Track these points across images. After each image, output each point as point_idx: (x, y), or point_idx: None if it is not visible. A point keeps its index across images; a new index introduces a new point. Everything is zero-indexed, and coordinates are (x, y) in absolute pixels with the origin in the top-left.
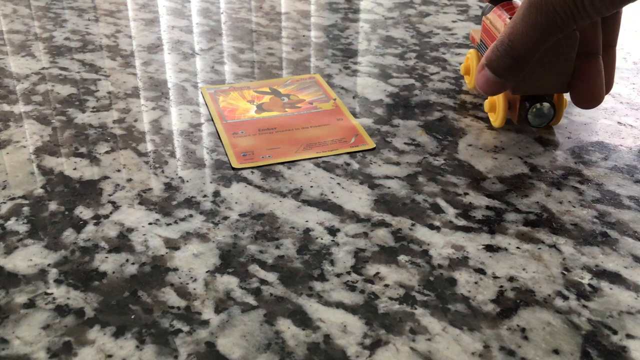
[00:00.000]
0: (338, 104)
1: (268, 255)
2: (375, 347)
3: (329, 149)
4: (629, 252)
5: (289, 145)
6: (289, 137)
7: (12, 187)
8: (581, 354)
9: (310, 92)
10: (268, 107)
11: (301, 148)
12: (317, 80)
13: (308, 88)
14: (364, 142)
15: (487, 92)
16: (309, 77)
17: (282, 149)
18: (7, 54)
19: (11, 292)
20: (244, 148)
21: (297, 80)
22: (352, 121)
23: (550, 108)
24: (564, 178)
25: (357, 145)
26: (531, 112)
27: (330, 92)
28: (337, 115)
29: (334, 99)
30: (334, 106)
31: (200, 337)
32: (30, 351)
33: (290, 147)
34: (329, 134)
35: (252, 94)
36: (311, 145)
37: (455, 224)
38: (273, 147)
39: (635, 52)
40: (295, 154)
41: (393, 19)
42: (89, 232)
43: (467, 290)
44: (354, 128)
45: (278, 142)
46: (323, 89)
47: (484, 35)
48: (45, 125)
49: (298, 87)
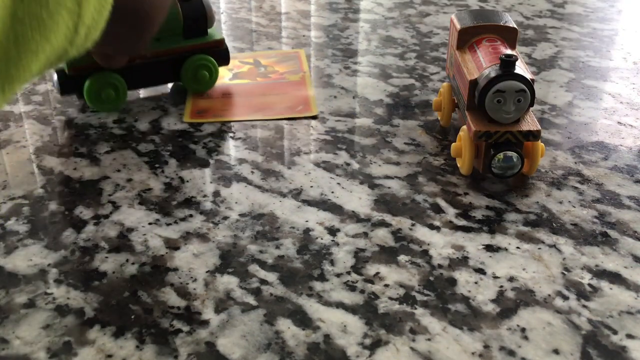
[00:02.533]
0: (305, 77)
1: (268, 255)
2: (375, 347)
3: (275, 114)
4: (629, 252)
5: (243, 108)
6: (247, 101)
7: (12, 187)
8: (581, 354)
9: (287, 65)
10: (242, 76)
11: (251, 111)
12: (299, 55)
13: (287, 61)
14: (310, 110)
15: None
16: (294, 52)
17: (234, 110)
18: None
19: (11, 292)
20: (201, 107)
21: (280, 53)
22: (309, 92)
23: (518, 158)
24: (564, 178)
25: (301, 113)
26: (496, 161)
27: (304, 66)
28: (299, 87)
29: (304, 72)
30: (300, 78)
31: (200, 337)
32: (30, 351)
33: (243, 109)
34: (282, 102)
35: (235, 63)
36: (262, 109)
37: (455, 224)
38: (227, 109)
39: (635, 52)
40: (244, 115)
41: (393, 19)
42: (89, 232)
43: (467, 290)
44: (306, 98)
45: (234, 105)
46: (300, 63)
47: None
48: (45, 125)
49: (279, 59)
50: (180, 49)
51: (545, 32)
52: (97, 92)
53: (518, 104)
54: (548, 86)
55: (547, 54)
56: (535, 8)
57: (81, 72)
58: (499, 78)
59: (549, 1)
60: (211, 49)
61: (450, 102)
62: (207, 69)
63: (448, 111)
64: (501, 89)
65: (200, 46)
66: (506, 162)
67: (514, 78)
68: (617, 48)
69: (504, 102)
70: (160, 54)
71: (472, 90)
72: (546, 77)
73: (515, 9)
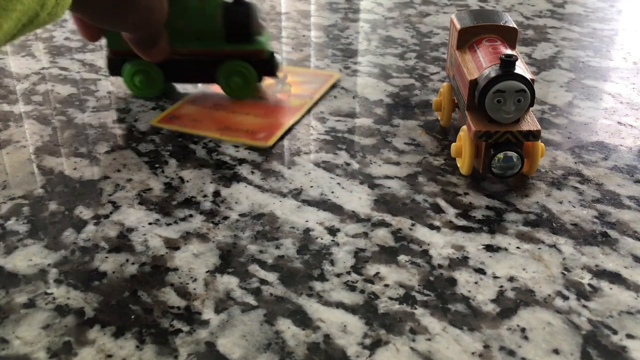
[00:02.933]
0: (305, 104)
1: (268, 255)
2: (375, 347)
3: (232, 136)
4: (629, 252)
5: (210, 123)
6: (222, 116)
7: (12, 187)
8: (581, 354)
9: (307, 87)
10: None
11: (215, 128)
12: (328, 79)
13: (310, 83)
14: (267, 140)
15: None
16: (328, 74)
17: (202, 124)
18: (7, 54)
19: (11, 292)
20: (178, 113)
21: (313, 73)
22: (288, 121)
23: (518, 158)
24: (564, 178)
25: (255, 140)
26: (496, 161)
27: (320, 91)
28: (285, 113)
29: (311, 99)
30: (300, 104)
31: (200, 337)
32: (30, 351)
33: (210, 124)
34: (249, 124)
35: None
36: (225, 128)
37: (455, 224)
38: (199, 120)
39: (635, 52)
40: (206, 131)
41: (393, 19)
42: (89, 232)
43: (467, 290)
44: (277, 127)
45: (207, 118)
46: (319, 87)
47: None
48: (45, 125)
49: (306, 79)
50: (218, 51)
51: (545, 32)
52: (132, 77)
53: (518, 104)
54: (548, 86)
55: (547, 54)
56: (535, 8)
57: (122, 55)
58: (499, 78)
59: (549, 1)
60: (251, 57)
61: (450, 102)
62: (242, 76)
63: (448, 111)
64: (501, 89)
65: (239, 52)
66: (506, 162)
67: (514, 78)
68: (617, 48)
69: (504, 102)
70: (197, 53)
71: (472, 90)
72: (546, 77)
73: (515, 9)
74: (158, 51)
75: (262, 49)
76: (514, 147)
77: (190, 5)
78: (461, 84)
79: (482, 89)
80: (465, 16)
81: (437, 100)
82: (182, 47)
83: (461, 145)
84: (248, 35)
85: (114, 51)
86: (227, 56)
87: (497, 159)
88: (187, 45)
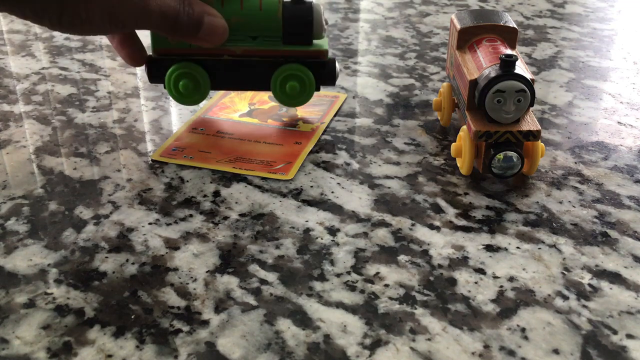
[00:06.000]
0: (318, 128)
1: (268, 255)
2: (375, 347)
3: (247, 168)
4: (629, 252)
5: (219, 154)
6: (230, 145)
7: (12, 187)
8: (581, 354)
9: (313, 110)
10: (257, 114)
11: (227, 159)
12: (335, 101)
13: (316, 106)
14: (287, 171)
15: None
16: (334, 95)
17: (209, 155)
18: (7, 54)
19: (11, 292)
20: (181, 144)
21: (317, 95)
22: (305, 149)
23: (518, 158)
24: (564, 178)
25: (274, 173)
26: (496, 161)
27: (329, 115)
28: (299, 140)
29: (321, 123)
30: (311, 129)
31: (200, 337)
32: (30, 351)
33: (219, 155)
34: (265, 154)
35: (262, 98)
36: (237, 160)
37: (455, 224)
38: (204, 150)
39: (635, 52)
40: (214, 164)
41: (393, 19)
42: (89, 232)
43: (467, 290)
44: (294, 155)
45: (214, 147)
46: (327, 110)
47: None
48: (45, 125)
49: (312, 101)
50: (274, 52)
51: (545, 32)
52: (176, 82)
53: (518, 104)
54: (548, 86)
55: (547, 54)
56: (535, 8)
57: (167, 55)
58: (499, 78)
59: (549, 1)
60: (311, 61)
61: (450, 102)
62: (300, 81)
63: (448, 111)
64: (501, 89)
65: (298, 54)
66: (506, 162)
67: (514, 78)
68: (617, 48)
69: (504, 102)
70: (251, 53)
71: (472, 90)
72: (546, 77)
73: (515, 9)
74: (209, 30)
75: (324, 49)
76: (514, 147)
77: (248, 0)
78: (461, 84)
79: (482, 89)
80: (465, 16)
81: (437, 100)
82: (234, 47)
83: (461, 145)
84: (309, 36)
85: (159, 50)
86: (285, 58)
87: (497, 159)
88: (241, 45)
